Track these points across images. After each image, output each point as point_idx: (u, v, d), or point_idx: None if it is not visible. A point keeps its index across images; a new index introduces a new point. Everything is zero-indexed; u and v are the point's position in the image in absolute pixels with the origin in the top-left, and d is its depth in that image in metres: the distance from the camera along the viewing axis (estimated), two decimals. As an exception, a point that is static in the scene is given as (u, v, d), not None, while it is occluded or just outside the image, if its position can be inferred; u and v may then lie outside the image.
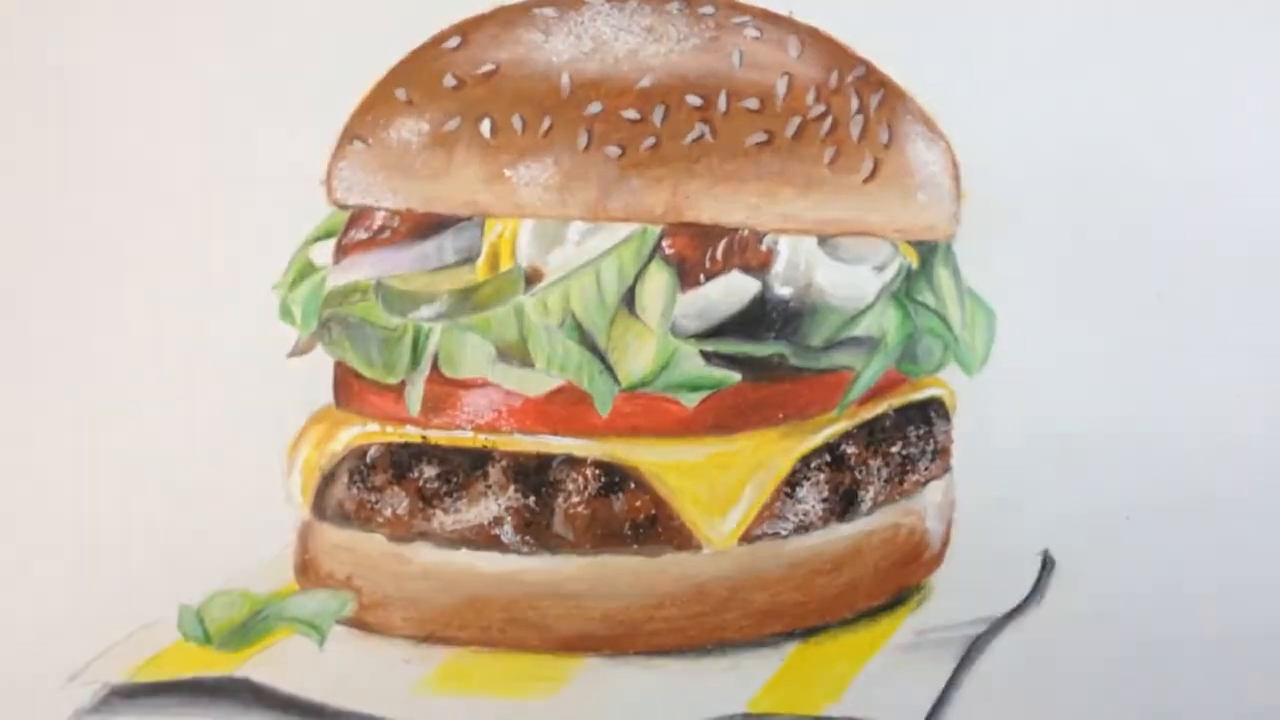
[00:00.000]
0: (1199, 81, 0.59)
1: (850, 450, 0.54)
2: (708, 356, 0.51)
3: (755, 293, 0.52)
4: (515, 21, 0.53)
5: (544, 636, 0.53)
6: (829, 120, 0.52)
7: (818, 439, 0.53)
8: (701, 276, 0.51)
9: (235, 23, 0.56)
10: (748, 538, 0.52)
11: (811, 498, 0.53)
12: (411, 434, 0.53)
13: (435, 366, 0.52)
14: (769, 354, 0.52)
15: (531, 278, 0.51)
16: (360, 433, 0.53)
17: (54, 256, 0.55)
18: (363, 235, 0.53)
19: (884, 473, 0.55)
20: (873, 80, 0.54)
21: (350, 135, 0.53)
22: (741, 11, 0.54)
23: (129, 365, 0.55)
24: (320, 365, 0.54)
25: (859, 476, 0.54)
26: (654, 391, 0.51)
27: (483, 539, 0.52)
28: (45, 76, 0.57)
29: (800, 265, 0.52)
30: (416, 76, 0.53)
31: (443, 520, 0.52)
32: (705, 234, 0.51)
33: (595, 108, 0.50)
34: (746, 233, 0.52)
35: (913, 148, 0.54)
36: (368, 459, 0.53)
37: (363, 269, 0.53)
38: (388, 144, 0.52)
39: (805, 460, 0.53)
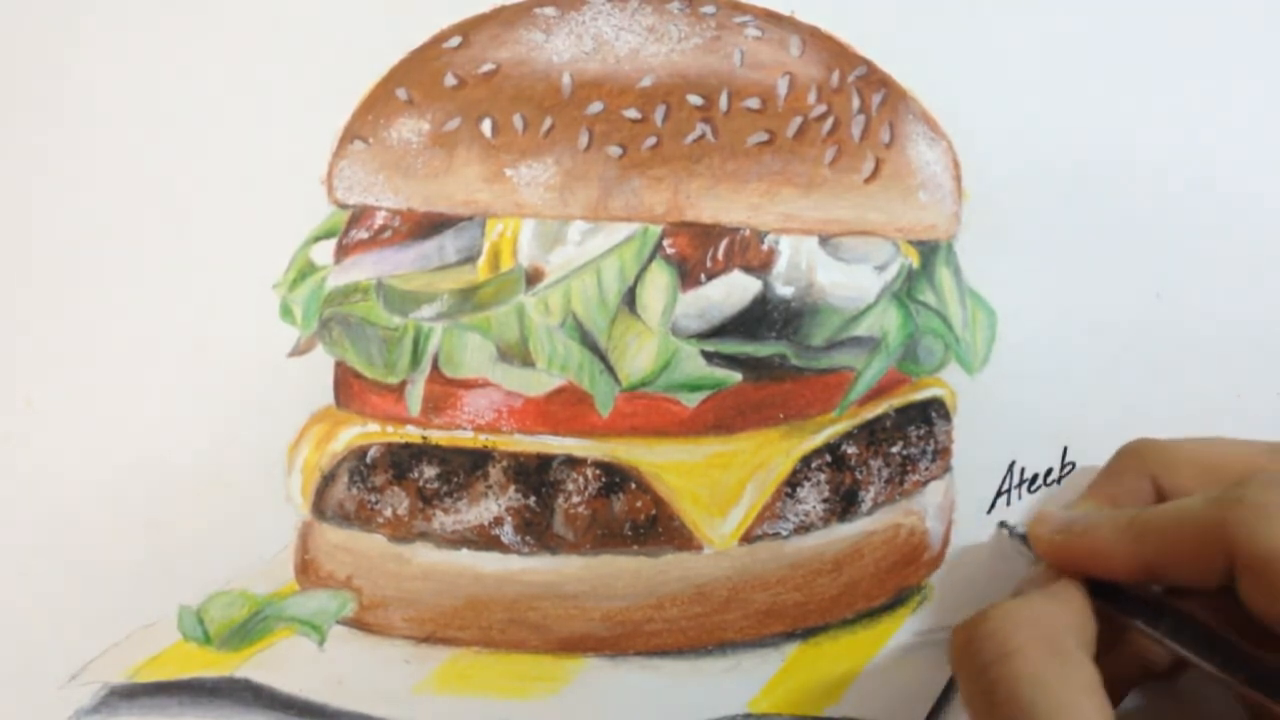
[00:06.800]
0: (1199, 81, 0.59)
1: (850, 450, 0.54)
2: (708, 356, 0.51)
3: (756, 292, 0.52)
4: (516, 21, 0.53)
5: (544, 637, 0.53)
6: (830, 120, 0.52)
7: (818, 439, 0.53)
8: (702, 276, 0.51)
9: (236, 22, 0.56)
10: (748, 538, 0.52)
11: (812, 498, 0.53)
12: (412, 434, 0.52)
13: (436, 366, 0.52)
14: (770, 354, 0.52)
15: (532, 277, 0.51)
16: (360, 433, 0.53)
17: (54, 256, 0.55)
18: (364, 235, 0.53)
19: (884, 473, 0.55)
20: (874, 80, 0.54)
21: (351, 135, 0.53)
22: (743, 11, 0.54)
23: (129, 365, 0.55)
24: (320, 365, 0.54)
25: (859, 477, 0.54)
26: (655, 391, 0.51)
27: (483, 539, 0.52)
28: (45, 76, 0.57)
29: (801, 265, 0.52)
30: (417, 76, 0.53)
31: (443, 521, 0.52)
32: (706, 233, 0.51)
33: (596, 107, 0.50)
34: (748, 232, 0.52)
35: (914, 148, 0.54)
36: (368, 459, 0.53)
37: (364, 269, 0.53)
38: (389, 143, 0.52)
39: (805, 460, 0.53)
